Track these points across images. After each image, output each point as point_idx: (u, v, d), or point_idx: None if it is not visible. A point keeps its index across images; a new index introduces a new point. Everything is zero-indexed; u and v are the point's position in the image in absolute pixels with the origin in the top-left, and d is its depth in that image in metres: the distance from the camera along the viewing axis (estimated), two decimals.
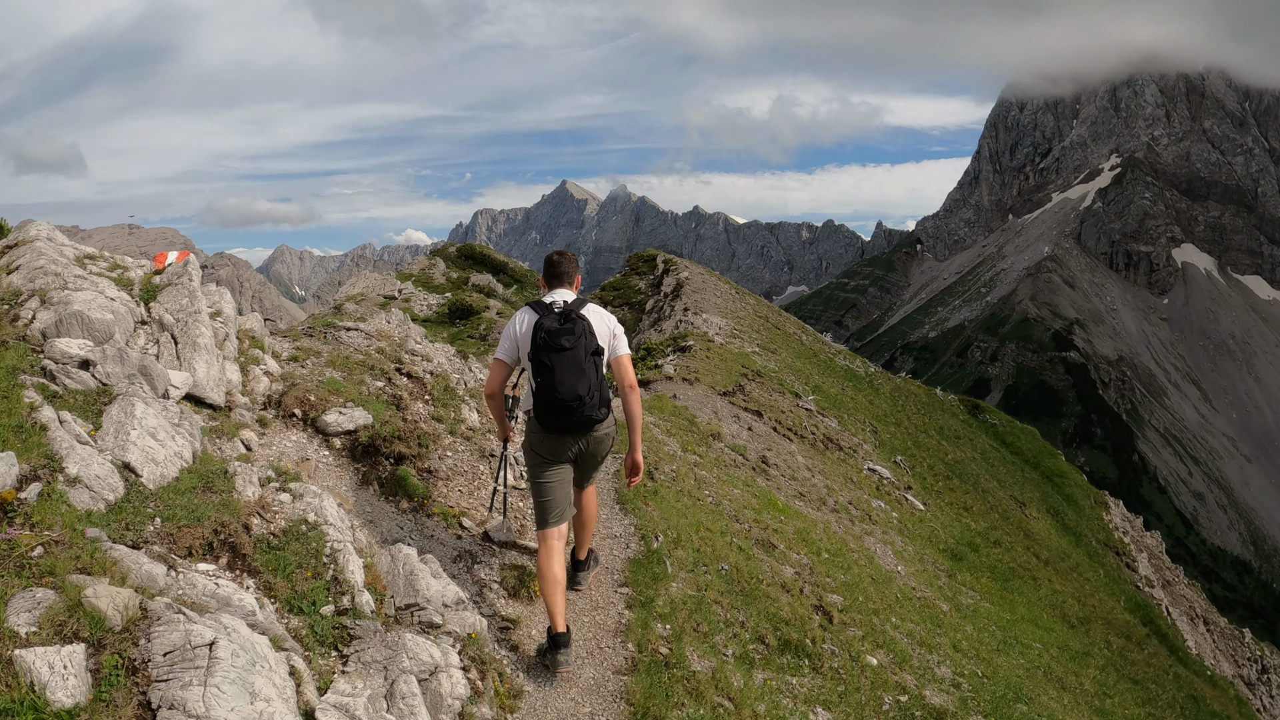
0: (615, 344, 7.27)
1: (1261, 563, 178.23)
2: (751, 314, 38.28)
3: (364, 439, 9.19)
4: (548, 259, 7.60)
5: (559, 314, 6.99)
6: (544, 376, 6.85)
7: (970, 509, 19.62)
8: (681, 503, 10.62)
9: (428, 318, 51.75)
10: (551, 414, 6.93)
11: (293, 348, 10.93)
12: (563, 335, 6.87)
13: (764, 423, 15.37)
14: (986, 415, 40.21)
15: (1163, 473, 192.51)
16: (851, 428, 20.28)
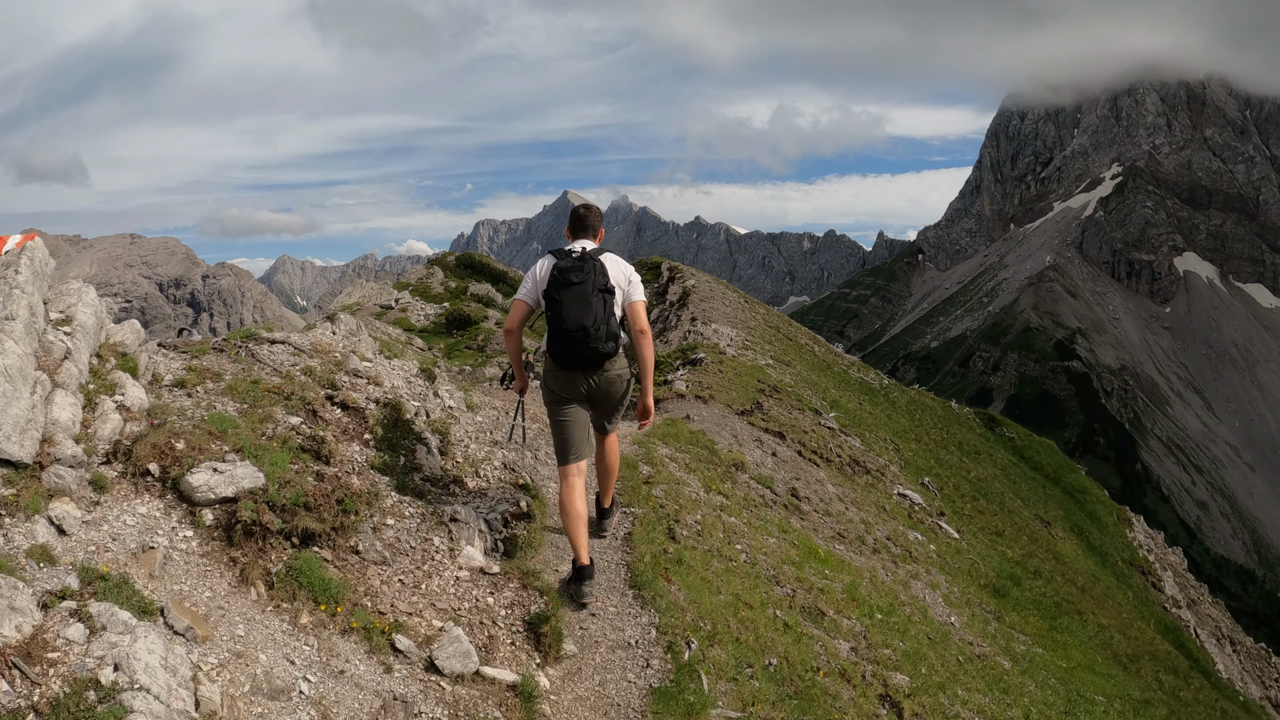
0: (630, 290, 7.66)
1: (1266, 572, 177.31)
2: (762, 324, 36.95)
3: (247, 511, 6.10)
4: (574, 211, 8.07)
5: (575, 257, 7.53)
6: (553, 310, 7.38)
7: (1002, 534, 18.80)
8: (711, 568, 8.36)
9: (425, 327, 50.89)
10: (561, 345, 7.42)
11: (183, 369, 7.99)
12: (572, 272, 7.40)
13: (788, 446, 14.28)
14: (1004, 429, 39.29)
15: (1166, 482, 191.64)
16: (875, 447, 19.31)
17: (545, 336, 7.67)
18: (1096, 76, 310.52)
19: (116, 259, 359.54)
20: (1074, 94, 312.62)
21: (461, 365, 43.46)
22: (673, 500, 9.40)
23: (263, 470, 6.47)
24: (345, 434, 7.99)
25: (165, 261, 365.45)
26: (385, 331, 46.22)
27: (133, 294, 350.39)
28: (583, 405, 7.77)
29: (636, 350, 7.67)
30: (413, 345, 46.08)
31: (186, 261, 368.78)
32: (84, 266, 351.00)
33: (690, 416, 14.22)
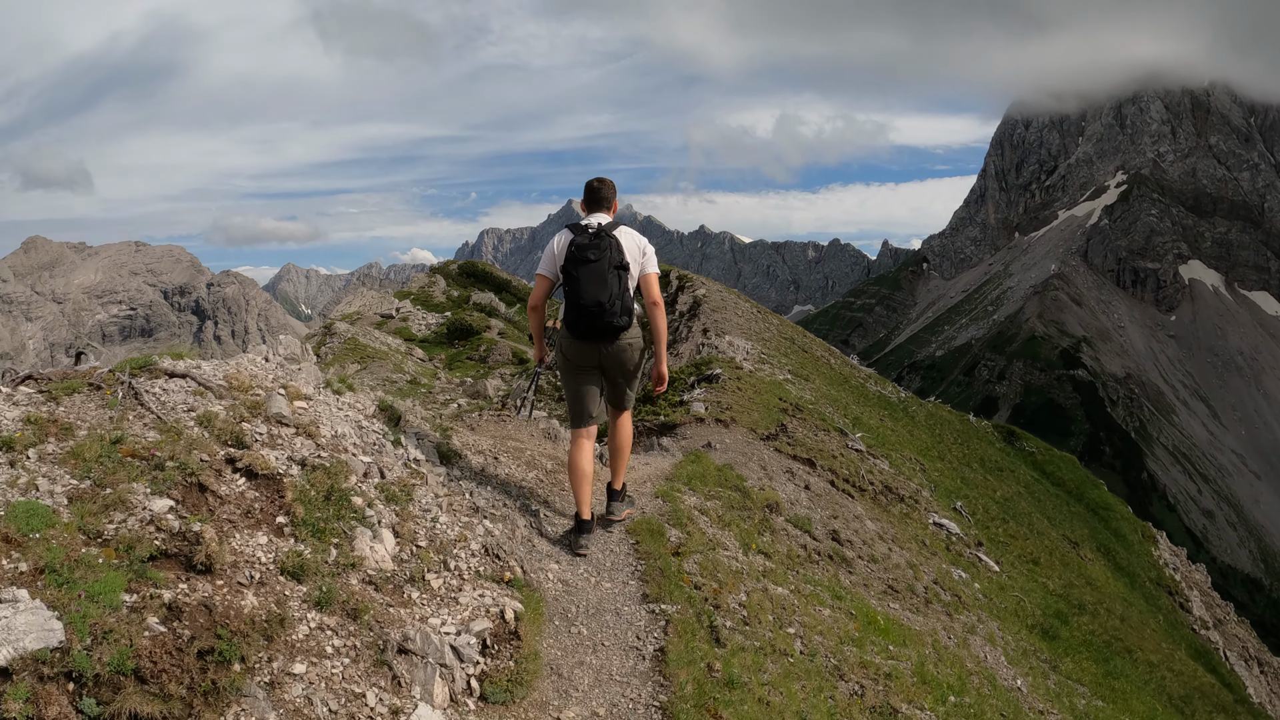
0: (645, 262, 7.98)
1: (1272, 580, 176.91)
2: (776, 335, 35.87)
3: (17, 700, 3.44)
4: (588, 185, 8.25)
5: (591, 233, 7.77)
6: (571, 286, 7.68)
7: (1039, 561, 18.08)
8: (766, 674, 6.51)
9: (426, 337, 50.30)
10: (578, 318, 7.71)
11: (19, 419, 5.40)
12: (589, 249, 7.66)
13: (819, 475, 13.41)
14: (1024, 443, 38.51)
15: (1172, 490, 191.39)
16: (904, 469, 18.52)
17: (562, 309, 7.97)
18: (1101, 84, 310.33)
19: (121, 266, 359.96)
20: (1078, 102, 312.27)
21: (463, 376, 42.80)
22: (710, 577, 7.90)
23: (64, 616, 3.77)
24: (246, 519, 5.24)
25: (170, 269, 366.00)
26: (384, 341, 45.58)
27: (137, 301, 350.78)
28: (596, 374, 8.12)
29: (650, 320, 8.04)
30: (412, 355, 45.45)
31: (191, 269, 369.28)
32: (89, 274, 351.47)
33: (713, 445, 13.30)
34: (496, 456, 9.21)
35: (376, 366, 35.59)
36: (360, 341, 39.55)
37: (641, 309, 8.14)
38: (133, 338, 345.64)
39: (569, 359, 8.07)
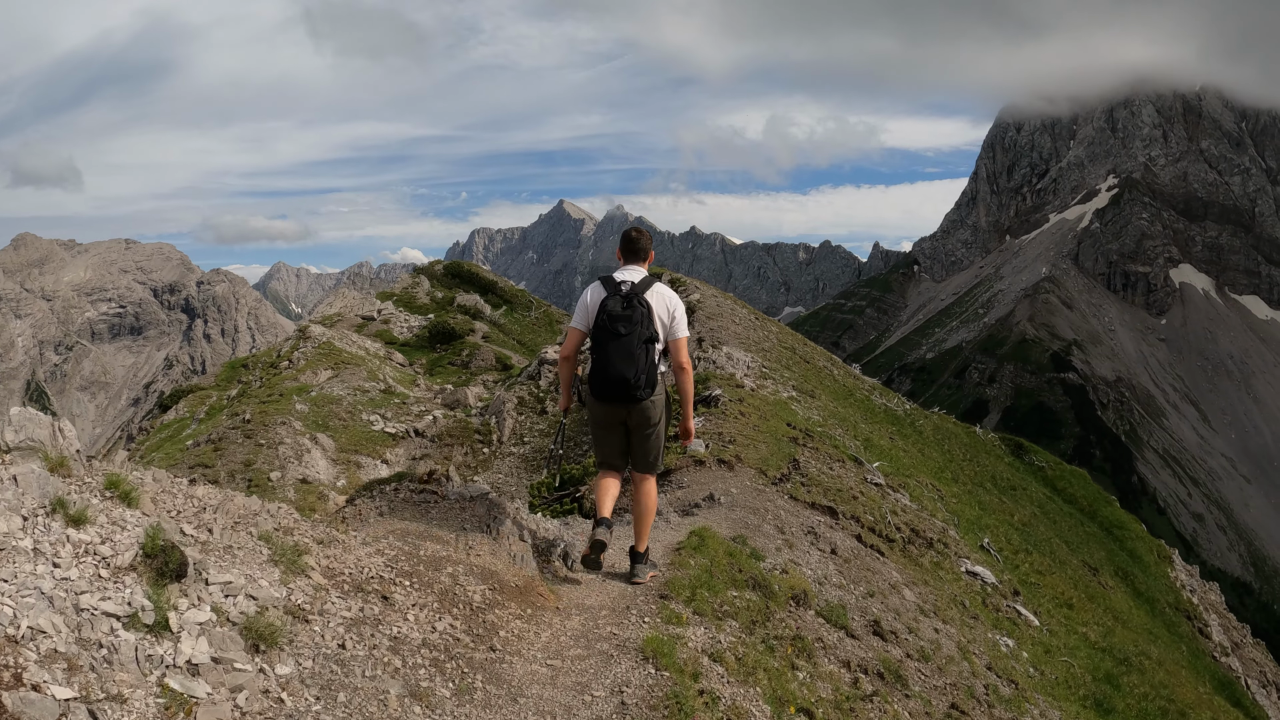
0: (674, 327, 7.94)
1: (1262, 584, 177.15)
2: (776, 344, 34.04)
3: None
4: (626, 234, 8.22)
5: (623, 296, 7.72)
6: (598, 356, 7.78)
7: (1072, 605, 16.97)
8: None
9: (407, 340, 49.12)
10: (601, 386, 7.81)
11: None
12: (620, 321, 7.66)
13: (843, 530, 11.80)
14: (1033, 457, 37.52)
15: (1162, 494, 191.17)
16: (925, 501, 17.27)
17: (588, 365, 8.02)
18: (1092, 88, 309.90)
19: (111, 264, 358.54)
20: (1070, 106, 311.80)
21: (444, 383, 41.66)
22: None
23: None
24: None
25: (160, 267, 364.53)
26: (362, 346, 44.40)
27: (127, 299, 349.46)
28: (620, 429, 8.17)
29: (678, 383, 8.09)
30: (391, 360, 44.29)
31: (181, 267, 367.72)
32: (78, 271, 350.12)
33: (716, 497, 11.83)
34: (388, 593, 5.91)
35: (349, 373, 34.35)
36: (335, 346, 38.31)
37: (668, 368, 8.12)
38: (122, 335, 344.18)
39: (592, 413, 8.25)
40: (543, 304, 71.53)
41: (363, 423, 29.60)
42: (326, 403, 30.28)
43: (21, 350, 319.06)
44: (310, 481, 24.64)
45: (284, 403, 29.38)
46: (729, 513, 11.52)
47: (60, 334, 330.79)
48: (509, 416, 31.21)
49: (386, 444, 28.70)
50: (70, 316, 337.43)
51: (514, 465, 28.81)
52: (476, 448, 29.84)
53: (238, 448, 25.76)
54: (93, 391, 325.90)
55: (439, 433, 30.04)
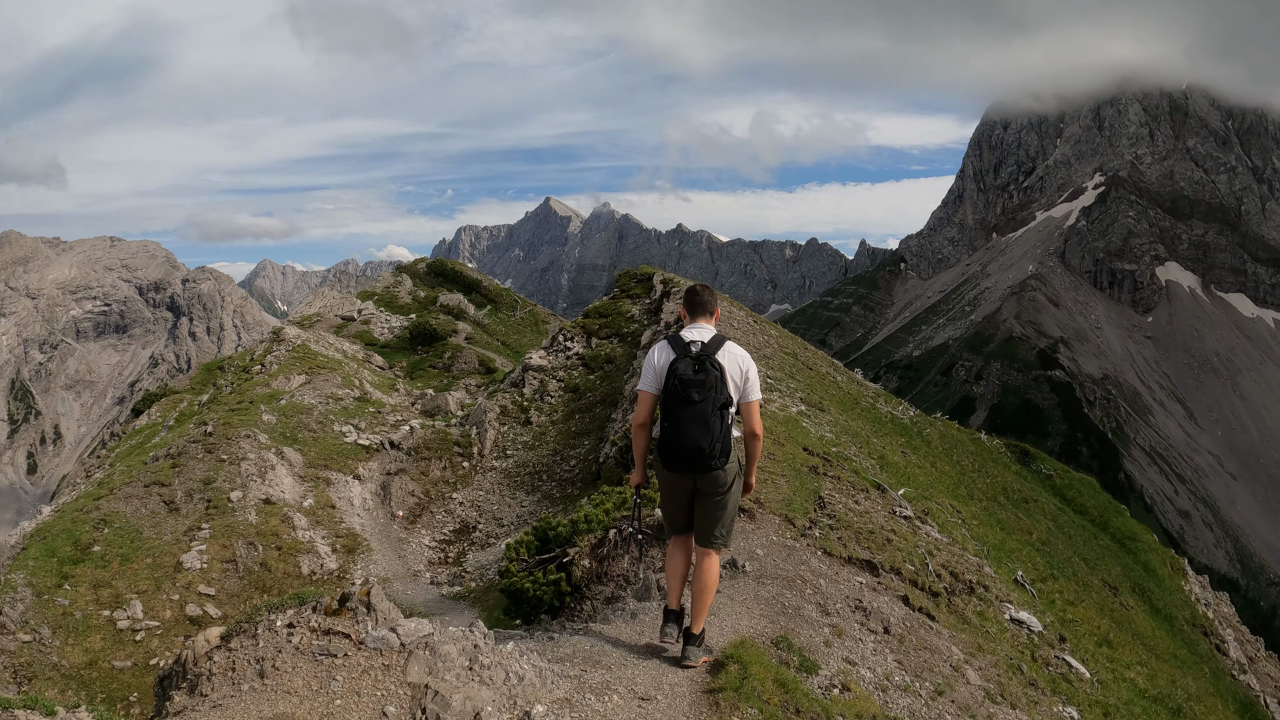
0: (746, 389, 7.62)
1: (1249, 581, 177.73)
2: (778, 350, 32.40)
3: None
4: (692, 290, 7.94)
5: (694, 359, 7.40)
6: (670, 423, 7.36)
7: (1112, 642, 15.89)
8: None
9: (388, 342, 47.52)
10: (673, 455, 7.40)
11: None
12: (694, 387, 7.31)
13: (886, 590, 10.28)
14: (1040, 464, 36.37)
15: (1149, 491, 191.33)
16: (954, 531, 15.96)
17: (656, 429, 7.69)
18: (1079, 86, 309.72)
19: (96, 262, 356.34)
20: (1057, 103, 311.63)
21: (424, 388, 40.02)
22: None
23: None
24: None
25: (145, 265, 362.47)
26: (340, 348, 42.74)
27: (112, 297, 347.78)
28: (688, 496, 7.80)
29: (747, 448, 7.78)
30: (370, 364, 42.63)
31: (166, 265, 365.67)
32: (63, 269, 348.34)
33: (740, 564, 10.32)
34: None
35: (323, 379, 32.68)
36: (311, 349, 36.61)
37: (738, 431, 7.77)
38: (107, 334, 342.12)
39: (661, 480, 7.89)
40: (528, 303, 70.08)
41: (334, 434, 27.95)
42: (296, 412, 28.65)
43: (5, 349, 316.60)
44: (274, 502, 23.05)
45: (250, 412, 27.74)
46: (759, 588, 10.00)
47: (45, 332, 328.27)
48: (491, 427, 29.61)
49: (359, 457, 27.06)
50: (55, 315, 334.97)
51: (496, 481, 27.24)
52: (456, 461, 28.24)
53: (198, 463, 24.17)
54: (78, 390, 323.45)
55: (415, 445, 28.43)
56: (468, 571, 22.08)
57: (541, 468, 28.00)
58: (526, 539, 14.41)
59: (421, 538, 24.61)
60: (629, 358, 33.23)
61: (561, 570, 12.57)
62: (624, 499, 13.34)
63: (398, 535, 24.48)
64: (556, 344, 36.95)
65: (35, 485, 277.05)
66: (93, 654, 17.74)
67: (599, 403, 31.34)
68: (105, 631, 18.30)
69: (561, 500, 25.46)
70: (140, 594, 19.27)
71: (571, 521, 13.64)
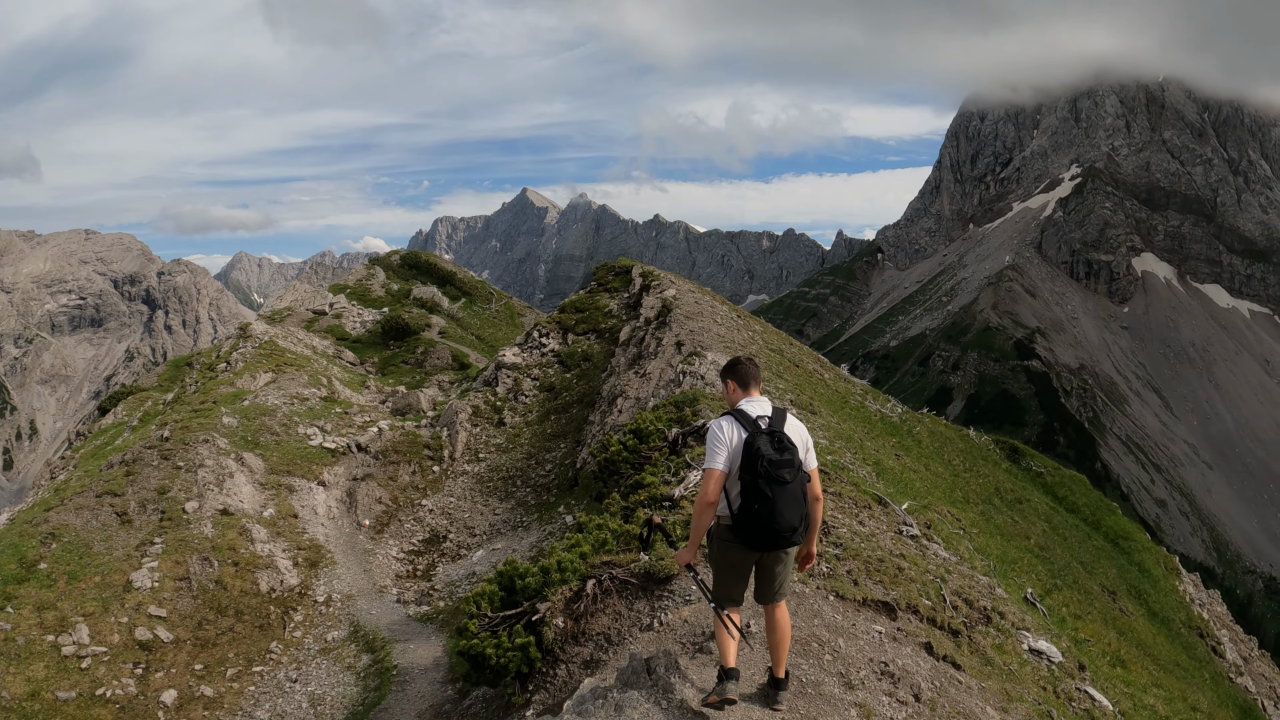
0: (808, 459, 7.55)
1: (1225, 569, 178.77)
2: (763, 347, 30.84)
3: None
4: (739, 364, 7.79)
5: (772, 436, 7.28)
6: (763, 506, 7.17)
7: (1124, 660, 15.14)
8: None
9: (360, 337, 46.35)
10: (759, 535, 7.26)
11: None
12: (784, 468, 7.22)
13: (906, 638, 9.08)
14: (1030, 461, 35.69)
15: (1125, 480, 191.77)
16: (959, 548, 14.99)
17: (734, 508, 7.37)
18: (1056, 78, 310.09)
19: (71, 255, 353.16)
20: (1034, 95, 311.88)
21: (396, 384, 38.83)
22: None
23: None
24: None
25: (120, 258, 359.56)
26: (310, 344, 41.46)
27: (87, 290, 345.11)
28: (751, 567, 7.66)
29: (811, 514, 7.59)
30: (340, 360, 41.40)
31: (142, 258, 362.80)
32: (38, 263, 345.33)
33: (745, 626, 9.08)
34: None
35: (289, 378, 31.43)
36: (279, 345, 35.35)
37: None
38: (82, 328, 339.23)
39: (728, 559, 7.57)
40: (504, 296, 68.97)
41: (298, 437, 26.76)
42: (259, 414, 27.44)
43: None
44: (232, 512, 21.87)
45: (211, 414, 26.51)
46: (767, 655, 8.53)
47: (19, 327, 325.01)
48: (462, 429, 28.45)
49: (324, 462, 25.89)
50: (29, 309, 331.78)
51: (467, 487, 26.13)
52: (426, 465, 27.12)
53: (153, 471, 22.94)
54: (53, 385, 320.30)
55: (384, 448, 27.29)
56: (436, 589, 21.01)
57: (515, 472, 26.88)
58: (489, 589, 12.47)
59: (389, 548, 23.52)
60: (607, 355, 32.08)
61: (530, 631, 11.03)
62: (603, 541, 11.90)
63: (364, 546, 23.39)
64: (531, 340, 35.84)
65: (11, 481, 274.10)
66: (35, 684, 16.63)
67: (575, 403, 30.26)
68: (49, 658, 17.20)
69: (537, 508, 24.37)
70: (87, 617, 18.16)
71: (542, 569, 11.88)
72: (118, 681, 17.22)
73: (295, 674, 18.34)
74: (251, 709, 17.32)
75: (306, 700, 17.45)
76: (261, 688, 17.98)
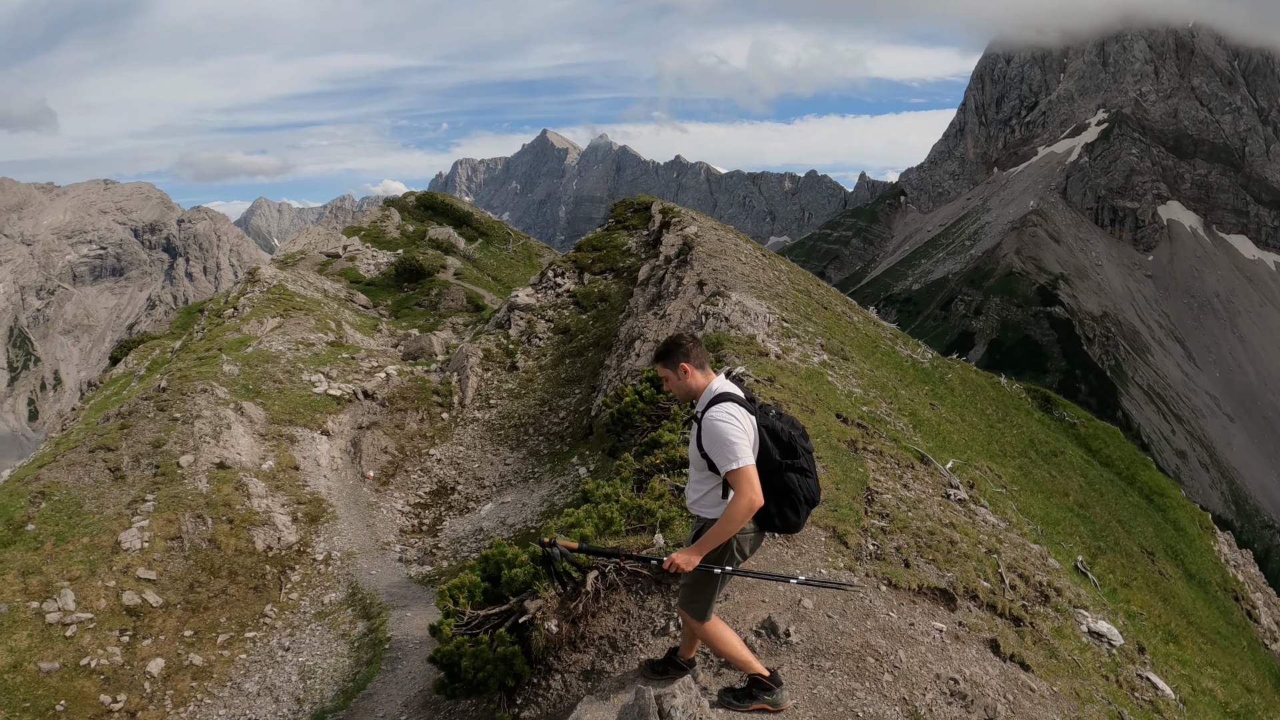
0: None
1: (1243, 522, 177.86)
2: (789, 287, 29.07)
3: None
4: (685, 341, 6.73)
5: (770, 409, 6.64)
6: (805, 480, 6.50)
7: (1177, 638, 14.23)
8: None
9: (373, 279, 45.34)
10: (798, 515, 6.54)
11: None
12: (804, 438, 6.66)
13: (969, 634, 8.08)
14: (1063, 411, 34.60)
15: (1146, 430, 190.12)
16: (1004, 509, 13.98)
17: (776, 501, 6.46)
18: (1083, 20, 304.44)
19: (90, 205, 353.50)
20: (1061, 38, 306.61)
21: (409, 327, 37.86)
22: None
23: None
24: None
25: (140, 207, 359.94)
26: (321, 287, 40.49)
27: (108, 240, 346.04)
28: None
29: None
30: (352, 303, 40.42)
31: (161, 206, 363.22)
32: (57, 214, 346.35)
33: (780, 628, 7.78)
34: None
35: (295, 323, 30.42)
36: (288, 289, 34.33)
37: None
38: (104, 277, 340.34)
39: (741, 556, 6.73)
40: (521, 236, 67.74)
41: (302, 385, 25.83)
42: (262, 361, 26.51)
43: (3, 296, 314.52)
44: (229, 466, 21.00)
45: (212, 362, 25.53)
46: (815, 677, 7.25)
47: (41, 278, 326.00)
48: (473, 374, 27.41)
49: (329, 410, 24.95)
50: (51, 260, 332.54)
51: (477, 434, 25.14)
52: (434, 412, 26.14)
53: (148, 424, 22.10)
54: (76, 335, 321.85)
55: (391, 394, 26.31)
56: (440, 547, 20.13)
57: (528, 419, 25.88)
58: (469, 580, 10.53)
59: (394, 501, 22.65)
60: (625, 295, 30.87)
61: (516, 638, 9.21)
62: (609, 520, 10.16)
63: (368, 499, 22.51)
64: (546, 280, 34.71)
65: (37, 432, 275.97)
66: (18, 654, 16.01)
67: (591, 346, 29.21)
68: (33, 626, 16.57)
69: (549, 458, 23.39)
70: (73, 581, 17.47)
71: (528, 560, 9.89)
72: (103, 650, 16.62)
73: (289, 641, 17.69)
74: (241, 680, 16.69)
75: (297, 672, 16.77)
76: (253, 656, 17.36)
